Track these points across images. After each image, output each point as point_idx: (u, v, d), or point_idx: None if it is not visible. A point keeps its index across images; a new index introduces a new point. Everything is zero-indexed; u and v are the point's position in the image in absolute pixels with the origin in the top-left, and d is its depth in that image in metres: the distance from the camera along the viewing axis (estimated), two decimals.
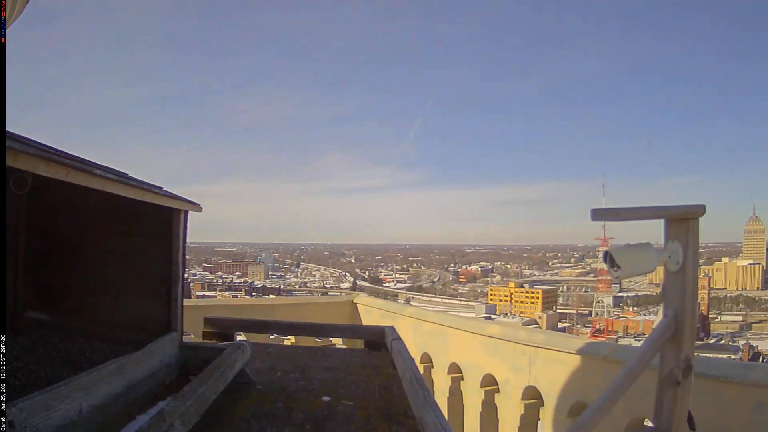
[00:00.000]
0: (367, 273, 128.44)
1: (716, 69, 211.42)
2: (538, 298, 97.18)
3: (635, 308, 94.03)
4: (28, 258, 3.27)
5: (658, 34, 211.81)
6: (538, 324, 74.90)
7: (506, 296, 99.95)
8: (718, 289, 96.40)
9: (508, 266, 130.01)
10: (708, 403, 2.99)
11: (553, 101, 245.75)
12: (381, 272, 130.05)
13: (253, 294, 77.96)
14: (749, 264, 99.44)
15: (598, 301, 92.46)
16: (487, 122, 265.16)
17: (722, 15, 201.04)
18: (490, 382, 4.81)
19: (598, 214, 1.95)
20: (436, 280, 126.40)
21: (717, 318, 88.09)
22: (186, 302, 3.45)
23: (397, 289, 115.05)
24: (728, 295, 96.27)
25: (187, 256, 3.35)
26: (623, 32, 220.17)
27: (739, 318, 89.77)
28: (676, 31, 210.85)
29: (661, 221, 2.10)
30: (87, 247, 3.28)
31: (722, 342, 74.06)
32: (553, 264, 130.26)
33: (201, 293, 75.77)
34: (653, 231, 2.20)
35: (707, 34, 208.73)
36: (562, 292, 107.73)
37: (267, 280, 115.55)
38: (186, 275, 3.53)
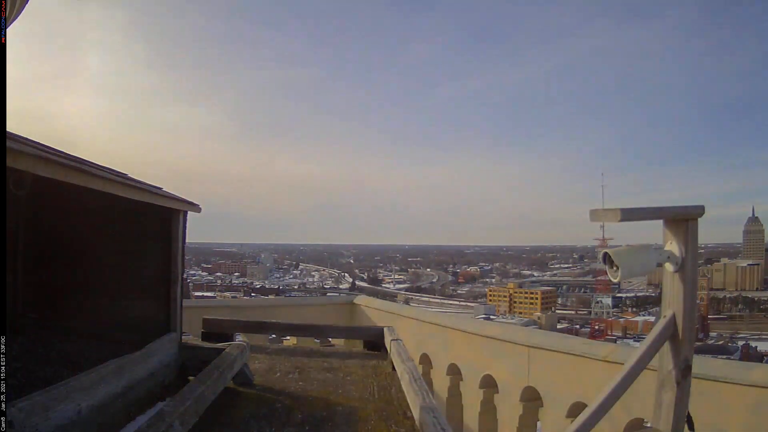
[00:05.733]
0: (366, 273, 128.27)
1: (715, 67, 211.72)
2: (537, 298, 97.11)
3: (634, 309, 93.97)
4: (27, 258, 3.27)
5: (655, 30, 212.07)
6: (537, 324, 74.79)
7: (505, 297, 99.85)
8: (717, 289, 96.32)
9: (507, 267, 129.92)
10: (707, 404, 2.98)
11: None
12: (380, 273, 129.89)
13: (252, 294, 77.70)
14: (748, 265, 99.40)
15: (597, 302, 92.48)
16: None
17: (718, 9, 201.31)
18: (489, 383, 4.81)
19: (597, 215, 1.95)
20: (435, 280, 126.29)
21: (716, 319, 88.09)
22: (185, 303, 3.46)
23: (396, 289, 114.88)
24: (727, 295, 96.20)
25: (186, 257, 3.35)
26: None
27: (739, 319, 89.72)
28: (671, 27, 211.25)
29: (660, 222, 2.10)
30: (86, 248, 3.27)
31: (721, 343, 74.07)
32: (552, 265, 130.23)
33: (200, 294, 75.69)
34: (652, 232, 2.20)
35: (706, 30, 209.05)
36: (561, 292, 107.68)
37: (266, 281, 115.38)
38: (185, 276, 3.53)
